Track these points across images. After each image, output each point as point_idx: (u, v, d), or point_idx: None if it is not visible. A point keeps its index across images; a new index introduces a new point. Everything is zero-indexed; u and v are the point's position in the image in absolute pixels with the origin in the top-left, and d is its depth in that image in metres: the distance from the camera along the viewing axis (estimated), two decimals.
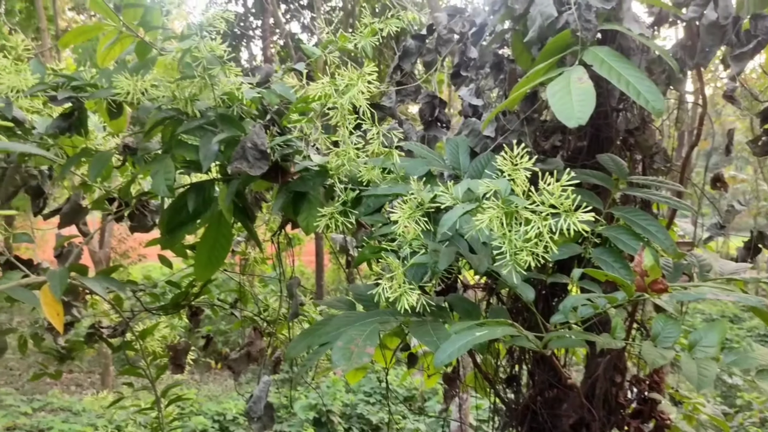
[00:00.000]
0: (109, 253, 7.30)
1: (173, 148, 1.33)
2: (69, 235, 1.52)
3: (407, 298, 1.08)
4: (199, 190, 1.36)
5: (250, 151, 1.24)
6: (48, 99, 1.37)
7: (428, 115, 1.48)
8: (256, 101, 1.39)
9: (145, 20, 1.31)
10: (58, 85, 1.35)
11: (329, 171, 1.29)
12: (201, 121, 1.29)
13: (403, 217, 1.11)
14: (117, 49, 1.39)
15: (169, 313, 1.73)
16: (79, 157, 1.41)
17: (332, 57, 1.45)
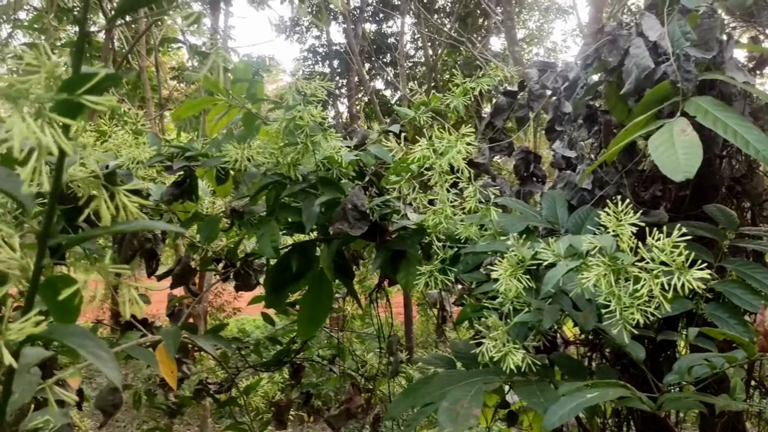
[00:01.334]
0: (206, 308, 7.57)
1: (277, 210, 1.39)
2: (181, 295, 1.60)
3: (512, 357, 1.06)
4: (302, 250, 1.41)
5: (351, 212, 1.28)
6: (163, 168, 1.47)
7: (523, 170, 1.49)
8: (353, 163, 1.44)
9: (251, 93, 1.40)
10: (173, 155, 1.45)
11: (426, 229, 1.31)
12: (303, 184, 1.35)
13: (505, 274, 1.10)
14: (225, 119, 1.48)
15: (272, 369, 1.78)
16: (191, 222, 1.49)
17: (425, 117, 1.49)
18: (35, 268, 0.55)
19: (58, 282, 0.59)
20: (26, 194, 0.55)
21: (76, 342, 0.55)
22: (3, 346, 0.50)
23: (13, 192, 0.55)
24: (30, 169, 0.46)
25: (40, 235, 0.55)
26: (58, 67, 0.53)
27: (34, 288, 0.55)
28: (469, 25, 9.38)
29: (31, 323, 0.53)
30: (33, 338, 0.54)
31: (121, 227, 0.56)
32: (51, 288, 0.58)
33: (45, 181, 0.47)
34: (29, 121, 0.41)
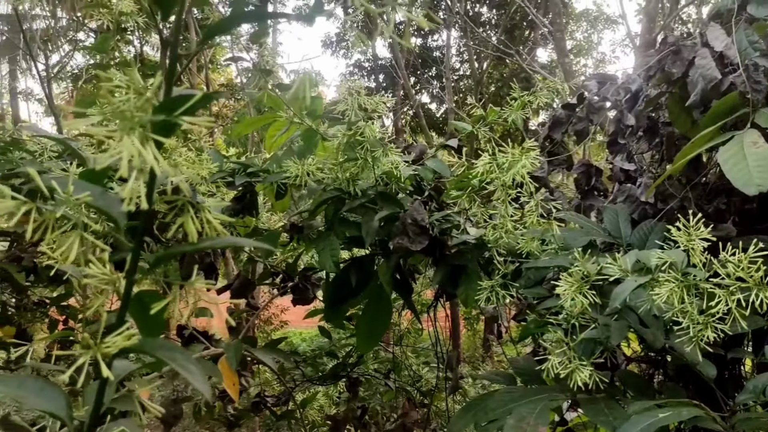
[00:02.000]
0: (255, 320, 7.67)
1: (336, 225, 1.41)
2: (241, 308, 1.63)
3: (579, 375, 1.05)
4: (361, 265, 1.42)
5: (411, 227, 1.28)
6: (224, 184, 1.51)
7: (584, 184, 1.47)
8: (411, 178, 1.44)
9: (311, 109, 1.42)
10: (235, 171, 1.48)
11: (487, 244, 1.30)
12: (362, 199, 1.36)
13: (569, 290, 1.09)
14: (284, 135, 1.51)
15: (328, 383, 1.79)
16: (251, 237, 1.52)
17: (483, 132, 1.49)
18: (127, 283, 0.57)
19: (146, 297, 0.61)
20: (119, 211, 0.57)
21: (166, 355, 0.56)
22: (101, 359, 0.51)
23: (108, 209, 0.57)
24: (131, 188, 0.48)
25: (133, 251, 0.56)
26: (148, 89, 0.55)
27: (126, 303, 0.57)
28: (515, 37, 9.34)
29: (125, 337, 0.54)
30: (125, 351, 0.55)
31: (209, 244, 0.58)
32: (140, 303, 0.60)
33: (143, 199, 0.49)
34: (137, 143, 0.43)
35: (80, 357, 0.52)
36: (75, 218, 0.54)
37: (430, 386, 1.85)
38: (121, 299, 0.58)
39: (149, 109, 0.50)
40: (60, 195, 0.59)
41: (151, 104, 0.51)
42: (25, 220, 1.55)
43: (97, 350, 0.52)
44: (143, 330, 0.62)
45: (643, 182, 1.54)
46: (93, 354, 0.52)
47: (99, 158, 0.49)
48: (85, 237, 0.54)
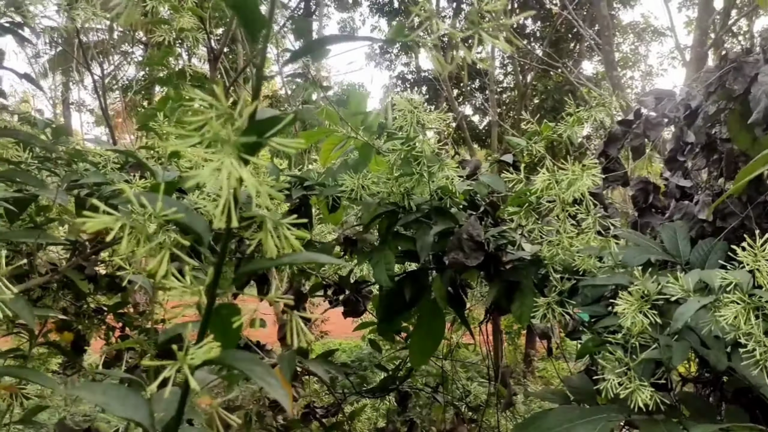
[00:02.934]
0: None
1: (390, 239, 1.42)
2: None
3: (640, 395, 1.03)
4: (415, 278, 1.42)
5: (466, 242, 1.28)
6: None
7: (642, 201, 1.45)
8: (465, 193, 1.45)
9: (367, 124, 1.44)
10: (292, 185, 1.50)
11: (543, 260, 1.29)
12: (417, 214, 1.37)
13: (629, 309, 1.08)
14: (340, 150, 1.53)
15: (377, 395, 1.79)
16: (305, 249, 1.54)
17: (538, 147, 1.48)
18: (210, 297, 0.59)
19: (224, 310, 0.62)
20: (204, 227, 0.59)
21: (246, 367, 0.57)
22: (187, 371, 0.53)
23: (192, 225, 0.59)
24: (223, 204, 0.49)
25: (216, 265, 0.58)
26: (235, 109, 0.57)
27: (208, 315, 0.59)
28: (560, 49, 9.26)
29: (207, 349, 0.56)
30: (207, 363, 0.57)
31: (288, 260, 0.59)
32: (218, 315, 0.62)
33: (234, 216, 0.50)
34: (236, 164, 0.45)
35: (168, 368, 0.54)
36: (163, 233, 0.56)
37: (479, 401, 1.84)
38: (203, 312, 0.59)
39: (239, 130, 0.52)
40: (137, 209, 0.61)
41: (241, 125, 0.53)
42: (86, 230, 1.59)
43: (183, 361, 0.54)
44: (219, 341, 0.64)
45: (701, 199, 1.51)
46: (180, 365, 0.54)
47: (190, 176, 0.51)
48: (173, 252, 0.56)
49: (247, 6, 0.51)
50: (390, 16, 11.51)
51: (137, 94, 9.31)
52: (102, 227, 0.52)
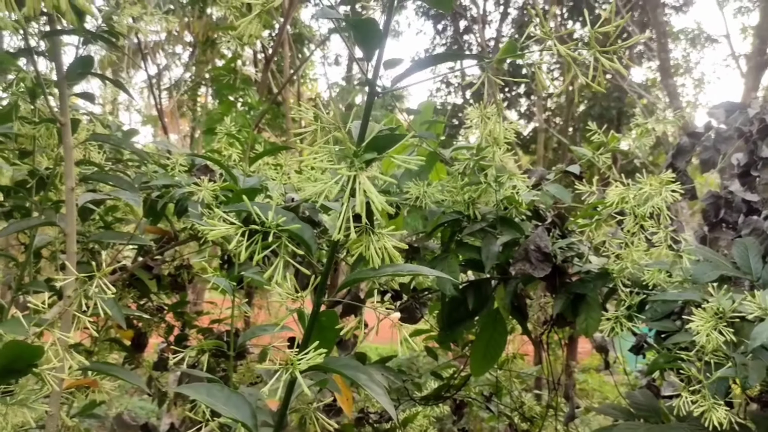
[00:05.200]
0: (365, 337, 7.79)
1: (453, 248, 1.42)
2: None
3: (715, 414, 1.02)
4: (478, 288, 1.43)
5: (533, 253, 1.28)
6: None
7: (713, 215, 1.42)
8: (530, 204, 1.44)
9: (432, 132, 1.45)
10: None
11: (611, 274, 1.28)
12: (483, 223, 1.37)
13: (704, 326, 1.06)
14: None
15: (432, 403, 1.80)
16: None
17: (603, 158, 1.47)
18: (316, 304, 0.60)
19: (324, 317, 0.64)
20: (310, 236, 0.61)
21: (351, 373, 0.59)
22: (299, 375, 0.55)
23: (301, 234, 0.60)
24: (344, 217, 0.51)
25: (323, 274, 0.60)
26: (339, 121, 0.58)
27: (313, 322, 0.61)
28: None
29: (315, 355, 0.58)
30: (314, 368, 0.58)
31: (392, 271, 0.61)
32: (318, 322, 0.64)
33: (352, 229, 0.52)
34: (362, 178, 0.46)
35: (280, 372, 0.56)
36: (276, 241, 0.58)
37: (533, 413, 1.83)
38: (309, 319, 0.61)
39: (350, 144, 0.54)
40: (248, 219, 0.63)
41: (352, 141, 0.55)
42: (155, 231, 1.64)
43: (296, 366, 0.55)
44: (320, 347, 0.66)
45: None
46: (292, 370, 0.55)
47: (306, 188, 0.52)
48: (287, 261, 0.58)
49: (367, 27, 0.52)
50: (435, 19, 11.52)
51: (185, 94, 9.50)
52: (224, 235, 0.54)
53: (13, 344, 0.65)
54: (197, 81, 9.93)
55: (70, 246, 0.90)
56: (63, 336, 0.69)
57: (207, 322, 2.11)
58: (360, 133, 0.58)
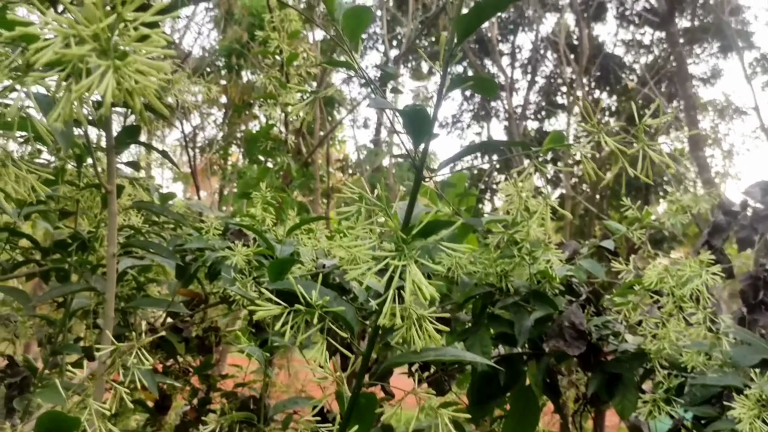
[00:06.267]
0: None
1: (485, 320, 1.41)
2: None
3: None
4: (509, 363, 1.40)
5: (568, 330, 1.26)
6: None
7: (751, 297, 1.39)
8: (563, 278, 1.43)
9: (465, 203, 1.46)
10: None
11: (647, 354, 1.25)
12: (515, 297, 1.36)
13: (746, 414, 1.03)
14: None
15: None
16: None
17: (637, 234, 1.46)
18: (357, 385, 0.60)
19: (364, 398, 0.63)
20: (353, 317, 0.61)
21: None
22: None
23: (343, 314, 0.60)
24: (389, 303, 0.51)
25: (364, 356, 0.59)
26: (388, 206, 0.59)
27: (354, 403, 0.60)
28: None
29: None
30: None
31: (434, 356, 0.60)
32: (358, 402, 0.63)
33: (398, 315, 0.52)
34: (414, 268, 0.47)
35: None
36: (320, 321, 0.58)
37: None
38: (349, 400, 0.60)
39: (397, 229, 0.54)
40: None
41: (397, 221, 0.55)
42: (186, 293, 1.64)
43: None
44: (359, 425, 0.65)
45: None
46: None
47: (351, 271, 0.53)
48: (327, 340, 0.58)
49: (419, 116, 0.53)
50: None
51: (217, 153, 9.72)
52: (270, 315, 0.54)
53: (51, 415, 0.65)
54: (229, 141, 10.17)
55: (109, 311, 0.91)
56: (100, 407, 0.69)
57: (231, 385, 2.10)
58: (406, 217, 0.59)
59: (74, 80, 0.33)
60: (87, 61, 0.32)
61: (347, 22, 0.61)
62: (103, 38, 0.32)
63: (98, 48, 0.32)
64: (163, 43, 0.34)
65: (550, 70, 11.29)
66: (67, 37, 0.31)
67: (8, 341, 1.77)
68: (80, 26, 0.31)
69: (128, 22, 0.34)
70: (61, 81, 0.33)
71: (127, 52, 0.33)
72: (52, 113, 0.33)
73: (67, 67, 0.33)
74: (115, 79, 0.31)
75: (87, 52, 0.31)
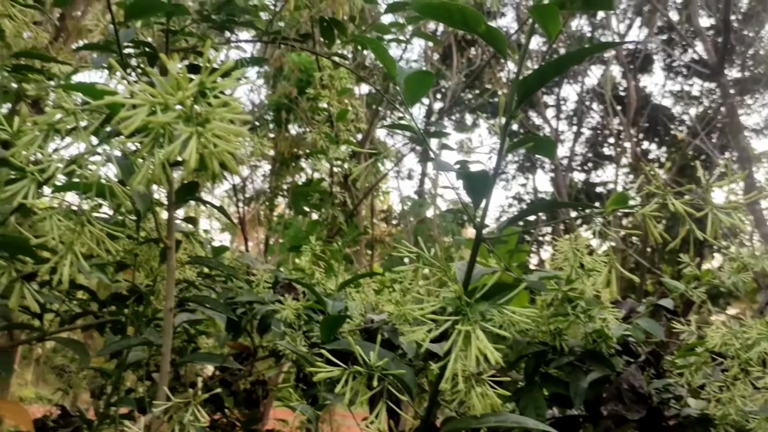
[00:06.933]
0: None
1: (539, 381, 1.37)
2: None
3: None
4: (565, 426, 1.35)
5: (627, 393, 1.22)
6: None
7: None
8: (620, 338, 1.39)
9: (516, 258, 1.44)
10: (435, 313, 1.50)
11: (712, 419, 1.19)
12: (570, 357, 1.32)
13: None
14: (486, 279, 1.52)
15: None
16: None
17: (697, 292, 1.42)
18: None
19: None
20: (411, 380, 0.60)
21: None
22: None
23: (404, 379, 0.59)
24: (452, 367, 0.50)
25: (423, 419, 0.58)
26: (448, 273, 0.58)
27: None
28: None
29: None
30: None
31: (495, 420, 0.58)
32: None
33: (460, 379, 0.51)
34: (479, 332, 0.46)
35: None
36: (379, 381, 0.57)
37: None
38: None
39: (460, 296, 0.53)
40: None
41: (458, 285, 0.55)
42: (235, 346, 1.65)
43: None
44: None
45: None
46: None
47: (410, 335, 0.52)
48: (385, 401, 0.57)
49: (479, 178, 0.53)
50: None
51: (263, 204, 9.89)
52: (330, 376, 0.54)
53: None
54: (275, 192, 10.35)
55: (164, 365, 0.92)
56: None
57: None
58: (466, 277, 0.58)
59: (157, 146, 0.34)
60: (172, 127, 0.33)
61: (409, 86, 0.62)
62: (188, 106, 0.33)
63: (183, 115, 0.33)
64: (240, 109, 0.35)
65: (597, 121, 11.24)
66: (153, 105, 0.33)
67: (62, 391, 1.80)
68: (167, 95, 0.33)
69: (209, 90, 0.35)
70: (145, 146, 0.34)
71: (209, 118, 0.34)
72: (135, 177, 0.34)
73: (151, 133, 0.34)
74: (198, 144, 0.33)
75: (173, 119, 0.33)
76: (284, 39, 1.28)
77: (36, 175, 0.49)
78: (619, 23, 9.92)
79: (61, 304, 1.39)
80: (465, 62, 9.43)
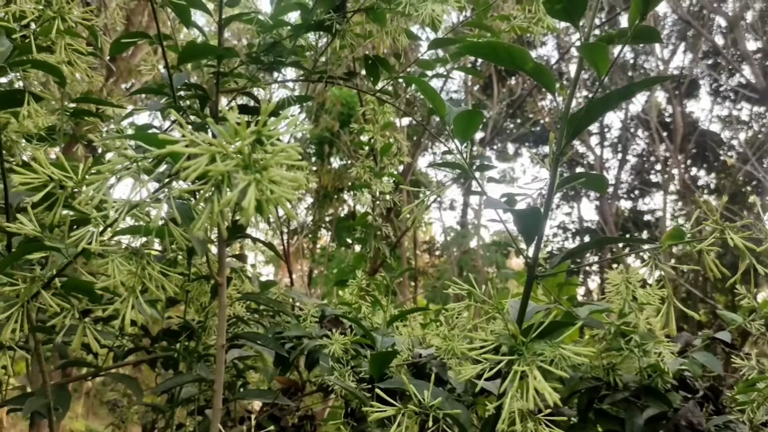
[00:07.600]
0: None
1: (592, 417, 1.33)
2: None
3: None
4: None
5: (685, 430, 1.17)
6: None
7: None
8: (677, 372, 1.34)
9: (567, 294, 1.42)
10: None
11: None
12: (625, 393, 1.28)
13: None
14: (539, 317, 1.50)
15: None
16: None
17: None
18: None
19: None
20: (466, 420, 0.59)
21: None
22: None
23: (458, 418, 0.59)
24: (507, 412, 0.49)
25: None
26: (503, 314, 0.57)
27: None
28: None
29: None
30: None
31: None
32: None
33: (518, 421, 0.50)
34: (538, 375, 0.45)
35: None
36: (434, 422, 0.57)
37: None
38: None
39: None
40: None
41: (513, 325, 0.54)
42: (283, 381, 1.65)
43: None
44: None
45: None
46: None
47: (464, 372, 0.51)
48: None
49: (531, 215, 0.53)
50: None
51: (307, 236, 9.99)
52: (384, 416, 0.53)
53: None
54: (318, 224, 10.45)
55: (217, 402, 0.92)
56: None
57: None
58: (519, 315, 0.58)
59: (216, 192, 0.35)
60: (231, 175, 0.34)
61: (458, 125, 0.62)
62: (246, 154, 0.34)
63: (241, 163, 0.34)
64: (297, 156, 0.36)
65: (642, 148, 11.05)
66: (213, 153, 0.34)
67: (114, 426, 1.83)
68: (226, 144, 0.34)
69: (266, 137, 0.36)
70: (205, 193, 0.36)
71: (266, 165, 0.35)
72: (196, 223, 0.35)
73: (210, 181, 0.35)
74: (256, 191, 0.34)
75: (232, 168, 0.34)
76: (330, 78, 1.30)
77: (99, 221, 0.51)
78: (663, 48, 9.80)
79: (114, 339, 1.43)
80: (506, 92, 9.42)
